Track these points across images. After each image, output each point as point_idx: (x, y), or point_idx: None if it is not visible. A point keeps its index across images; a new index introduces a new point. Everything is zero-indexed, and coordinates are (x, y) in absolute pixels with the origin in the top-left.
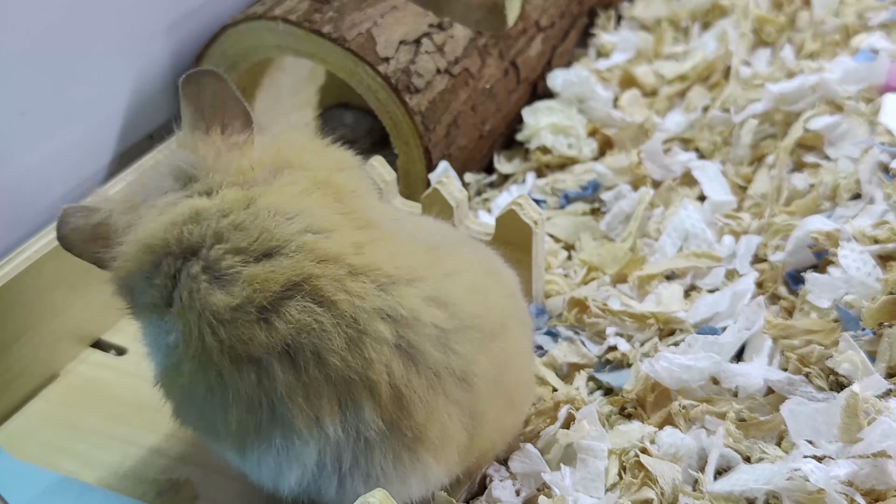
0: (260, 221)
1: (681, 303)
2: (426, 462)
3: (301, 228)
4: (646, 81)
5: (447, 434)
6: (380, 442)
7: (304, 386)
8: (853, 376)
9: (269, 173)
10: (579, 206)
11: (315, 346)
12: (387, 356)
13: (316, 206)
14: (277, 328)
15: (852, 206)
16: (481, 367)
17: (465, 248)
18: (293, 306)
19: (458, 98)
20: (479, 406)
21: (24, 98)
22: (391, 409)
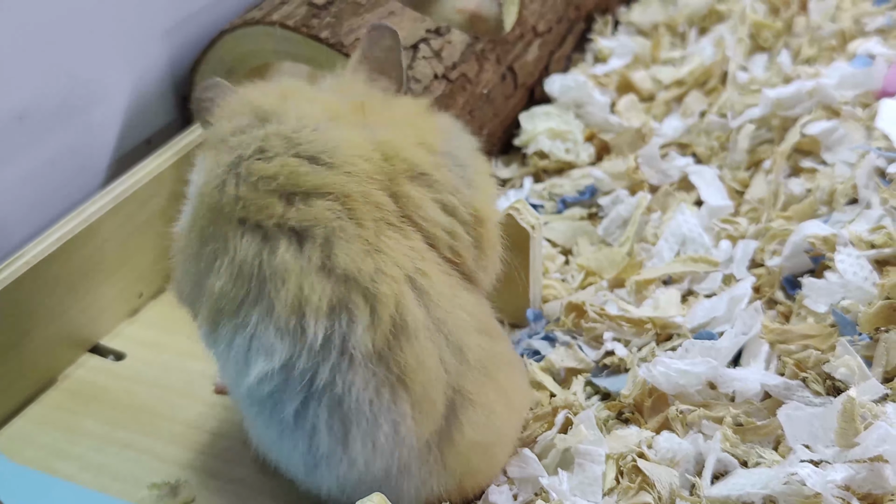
0: (327, 135)
1: (678, 307)
2: (403, 410)
3: (363, 169)
4: (643, 86)
5: (429, 394)
6: (364, 367)
7: (300, 271)
8: (850, 381)
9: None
10: (577, 211)
11: (327, 238)
12: (399, 280)
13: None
14: (297, 209)
15: (849, 210)
16: (473, 345)
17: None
18: (320, 202)
19: (455, 103)
20: (467, 385)
21: (23, 102)
22: (386, 336)
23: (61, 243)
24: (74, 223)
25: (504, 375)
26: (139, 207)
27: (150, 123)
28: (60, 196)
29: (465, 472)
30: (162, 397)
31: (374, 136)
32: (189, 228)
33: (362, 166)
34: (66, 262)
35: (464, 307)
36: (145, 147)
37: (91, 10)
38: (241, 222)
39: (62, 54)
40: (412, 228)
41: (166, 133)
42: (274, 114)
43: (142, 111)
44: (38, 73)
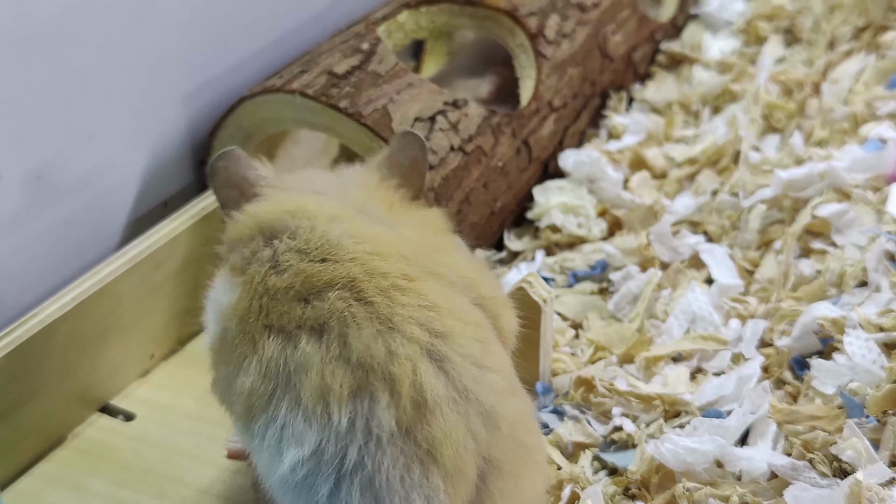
0: (330, 236)
1: (687, 385)
2: (435, 484)
3: (363, 249)
4: (656, 164)
5: (460, 465)
6: (391, 445)
7: (320, 362)
8: (857, 464)
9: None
10: (588, 286)
11: (342, 329)
12: (415, 356)
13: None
14: (314, 307)
15: (858, 293)
16: (506, 411)
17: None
18: (332, 294)
19: (470, 175)
20: (496, 453)
21: (42, 161)
22: (409, 413)
23: (76, 303)
24: (89, 283)
25: (531, 436)
26: (154, 269)
27: (168, 186)
28: (76, 256)
29: None
30: (170, 459)
31: (379, 228)
32: (220, 340)
33: (363, 248)
34: (79, 322)
35: (495, 366)
36: (162, 209)
37: (112, 73)
38: (266, 327)
39: (82, 116)
40: (433, 277)
41: (183, 196)
42: (282, 231)
43: (159, 174)
44: (58, 133)
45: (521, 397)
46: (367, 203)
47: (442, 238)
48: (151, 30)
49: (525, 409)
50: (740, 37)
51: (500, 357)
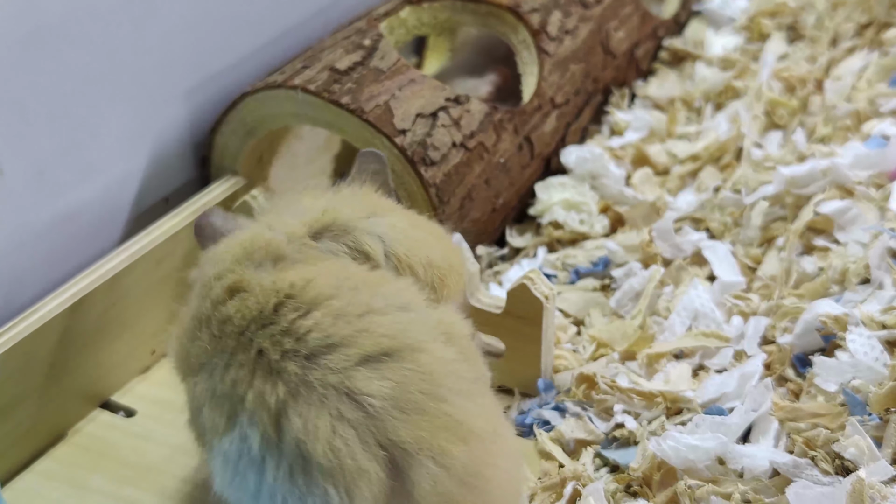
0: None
1: (689, 382)
2: (321, 488)
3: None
4: (658, 160)
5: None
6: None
7: (208, 396)
8: (859, 461)
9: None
10: (590, 282)
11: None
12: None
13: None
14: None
15: (861, 290)
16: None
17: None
18: (234, 300)
19: (472, 171)
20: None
21: (43, 157)
22: (270, 427)
23: (76, 299)
24: (90, 279)
25: (456, 403)
26: (155, 265)
27: (169, 182)
28: (77, 251)
29: None
30: (171, 456)
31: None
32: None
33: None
34: (80, 318)
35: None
36: (163, 205)
37: (114, 70)
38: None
39: (83, 111)
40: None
41: (185, 192)
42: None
43: (161, 170)
44: (60, 129)
45: (432, 357)
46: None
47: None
48: (153, 26)
49: (436, 370)
50: (743, 33)
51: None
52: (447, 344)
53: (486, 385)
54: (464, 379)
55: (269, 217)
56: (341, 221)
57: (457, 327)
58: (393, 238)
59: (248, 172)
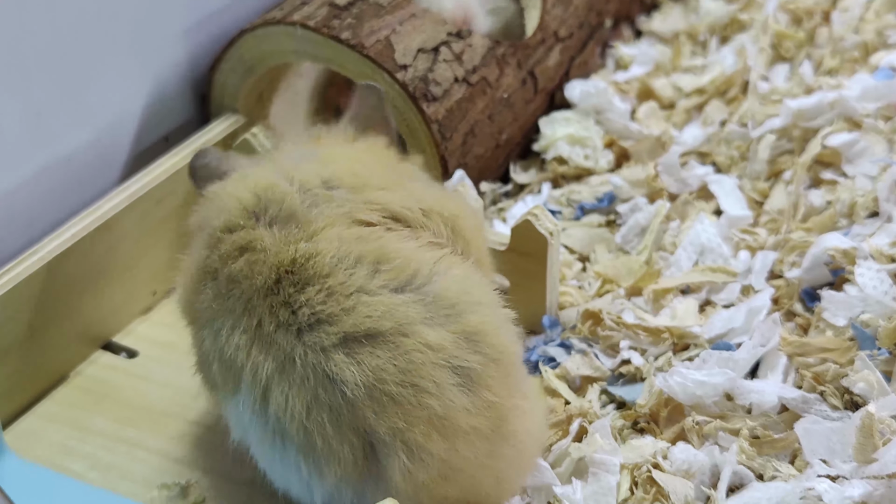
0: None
1: (695, 317)
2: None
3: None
4: (663, 94)
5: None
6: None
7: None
8: (868, 396)
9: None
10: (595, 218)
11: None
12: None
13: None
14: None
15: (869, 224)
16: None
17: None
18: (243, 259)
19: (475, 107)
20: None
21: (41, 99)
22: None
23: (76, 240)
24: (90, 220)
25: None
26: (155, 205)
27: (169, 121)
28: (77, 192)
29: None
30: (173, 397)
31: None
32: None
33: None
34: (80, 259)
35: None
36: (163, 144)
37: (111, 9)
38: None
39: (81, 51)
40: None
41: (184, 131)
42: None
43: (160, 109)
44: (57, 70)
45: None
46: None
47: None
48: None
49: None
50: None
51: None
52: (444, 324)
53: (506, 369)
54: (459, 368)
55: (281, 162)
56: (355, 183)
57: (464, 300)
58: (405, 196)
59: (248, 110)
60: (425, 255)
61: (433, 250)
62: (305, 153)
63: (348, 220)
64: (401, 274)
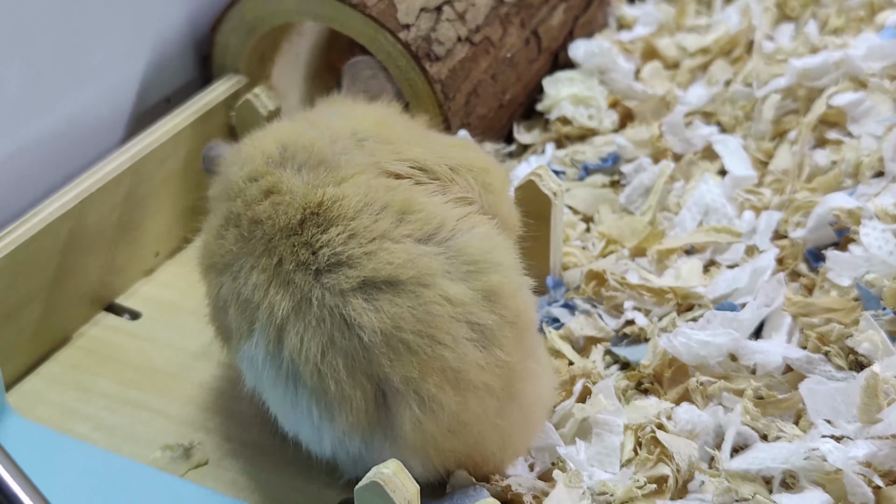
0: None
1: (700, 278)
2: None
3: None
4: (668, 54)
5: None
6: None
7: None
8: (873, 356)
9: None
10: (599, 178)
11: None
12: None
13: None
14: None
15: (875, 183)
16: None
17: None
18: (268, 202)
19: (478, 67)
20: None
21: (40, 59)
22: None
23: (78, 201)
24: (91, 181)
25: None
26: (157, 166)
27: (170, 82)
28: (78, 154)
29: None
30: (176, 358)
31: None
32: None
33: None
34: (82, 220)
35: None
36: (164, 105)
37: None
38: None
39: (82, 12)
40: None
41: (185, 92)
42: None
43: (161, 70)
44: (57, 31)
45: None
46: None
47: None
48: None
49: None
50: None
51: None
52: (465, 280)
53: (520, 332)
54: (475, 325)
55: (311, 115)
56: (384, 135)
57: (486, 258)
58: (433, 151)
59: (250, 71)
60: (452, 211)
61: (460, 206)
62: (331, 110)
63: (378, 170)
64: (426, 225)
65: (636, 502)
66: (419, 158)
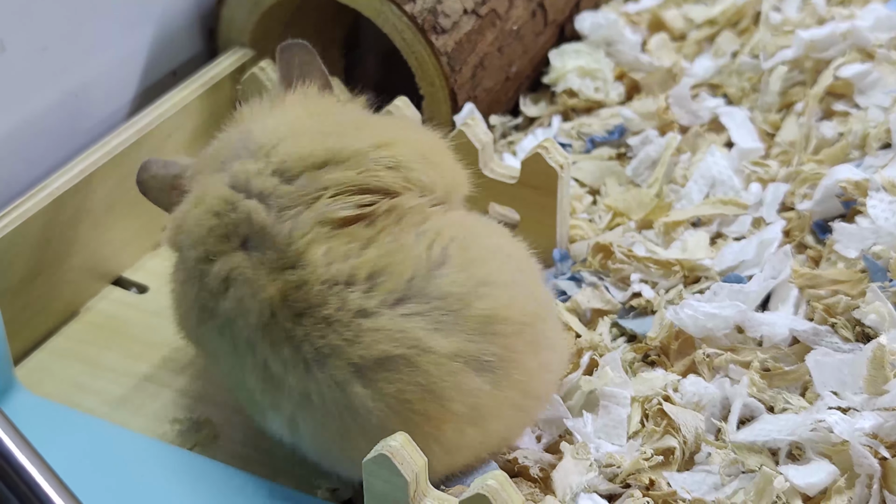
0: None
1: (706, 250)
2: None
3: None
4: (674, 25)
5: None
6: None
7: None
8: (880, 328)
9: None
10: (605, 151)
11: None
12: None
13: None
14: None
15: (882, 155)
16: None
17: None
18: (230, 295)
19: (484, 39)
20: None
21: (46, 33)
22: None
23: (85, 175)
24: (98, 155)
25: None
26: (164, 139)
27: (176, 55)
28: (85, 128)
29: None
30: None
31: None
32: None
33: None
34: (89, 194)
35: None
36: (171, 79)
37: None
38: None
39: None
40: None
41: (192, 65)
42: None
43: (167, 43)
44: (63, 4)
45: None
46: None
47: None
48: None
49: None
50: None
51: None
52: (455, 325)
53: (530, 331)
54: (482, 362)
55: (226, 163)
56: (308, 163)
57: (469, 285)
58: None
59: (256, 44)
60: (419, 248)
61: (424, 231)
62: (241, 139)
63: (326, 226)
64: (398, 282)
65: (643, 474)
66: (356, 181)
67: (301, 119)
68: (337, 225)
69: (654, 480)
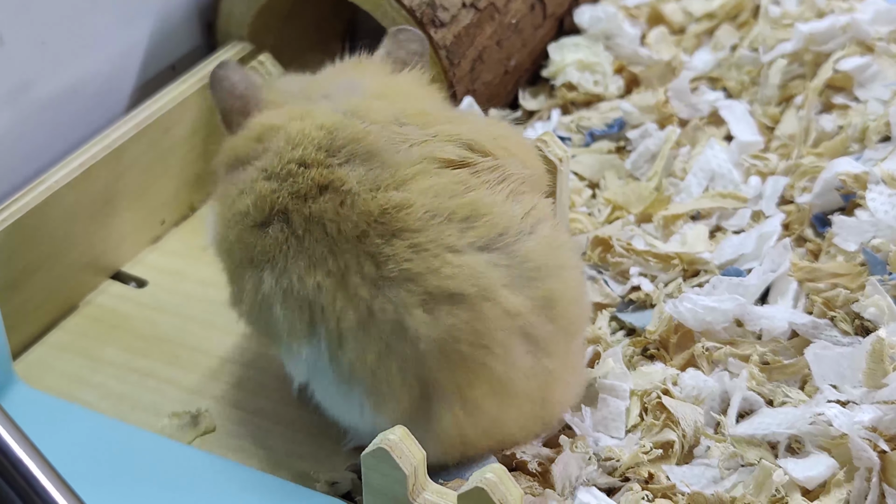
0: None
1: (706, 243)
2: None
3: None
4: (674, 19)
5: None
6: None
7: (276, 296)
8: (879, 321)
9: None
10: (604, 144)
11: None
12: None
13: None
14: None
15: (881, 148)
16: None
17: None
18: (325, 200)
19: (483, 33)
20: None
21: (45, 27)
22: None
23: (84, 169)
24: (97, 149)
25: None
26: (163, 134)
27: (175, 49)
28: (83, 122)
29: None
30: (183, 326)
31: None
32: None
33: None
34: (88, 188)
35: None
36: (170, 73)
37: None
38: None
39: None
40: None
41: (191, 59)
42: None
43: (167, 37)
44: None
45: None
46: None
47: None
48: None
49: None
50: None
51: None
52: (526, 288)
53: (570, 339)
54: (530, 336)
55: (332, 95)
56: (422, 119)
57: (549, 263)
58: (471, 129)
59: (255, 38)
60: (515, 210)
61: (521, 200)
62: (350, 85)
63: (432, 163)
64: (491, 231)
65: (642, 467)
66: (465, 137)
67: (412, 87)
68: (444, 165)
69: (654, 474)
